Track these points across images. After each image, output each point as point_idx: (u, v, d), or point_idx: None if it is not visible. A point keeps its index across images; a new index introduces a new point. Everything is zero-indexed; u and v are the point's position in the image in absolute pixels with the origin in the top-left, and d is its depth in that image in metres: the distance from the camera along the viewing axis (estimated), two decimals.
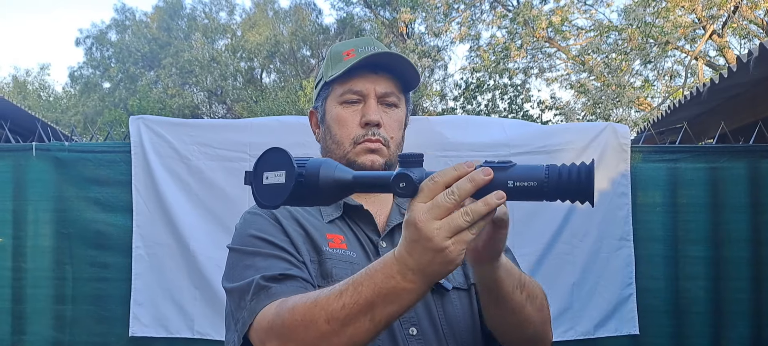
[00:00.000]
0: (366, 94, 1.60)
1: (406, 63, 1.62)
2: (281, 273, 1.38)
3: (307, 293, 1.26)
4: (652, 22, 13.54)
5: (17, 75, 34.19)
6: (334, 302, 1.16)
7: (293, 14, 26.10)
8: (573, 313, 3.88)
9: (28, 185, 4.03)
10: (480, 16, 17.84)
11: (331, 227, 1.54)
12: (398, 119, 1.64)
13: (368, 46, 1.63)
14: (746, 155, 4.00)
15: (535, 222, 3.89)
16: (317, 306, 1.18)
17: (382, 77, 1.61)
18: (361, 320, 1.14)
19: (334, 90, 1.64)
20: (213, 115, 26.56)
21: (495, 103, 18.87)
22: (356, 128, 1.59)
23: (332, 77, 1.62)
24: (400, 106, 1.65)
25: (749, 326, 3.97)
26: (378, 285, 1.11)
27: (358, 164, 1.56)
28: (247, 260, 1.46)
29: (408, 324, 1.44)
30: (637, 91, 15.86)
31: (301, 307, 1.21)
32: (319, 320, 1.17)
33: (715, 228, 3.99)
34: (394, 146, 1.62)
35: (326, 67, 1.68)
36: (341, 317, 1.14)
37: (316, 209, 1.57)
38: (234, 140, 3.92)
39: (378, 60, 1.60)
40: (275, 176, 1.11)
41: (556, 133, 4.02)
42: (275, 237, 1.47)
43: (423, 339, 1.44)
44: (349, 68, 1.58)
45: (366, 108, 1.59)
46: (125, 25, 28.87)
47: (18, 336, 4.00)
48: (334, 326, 1.16)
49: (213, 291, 3.82)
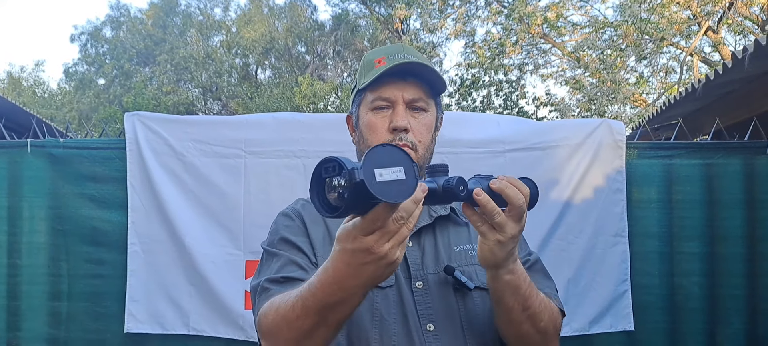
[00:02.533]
0: (394, 100, 1.69)
1: (432, 70, 1.70)
2: (283, 276, 1.53)
3: (277, 298, 1.42)
4: (647, 18, 13.55)
5: (12, 71, 34.05)
6: (290, 312, 1.33)
7: (288, 11, 26.05)
8: (568, 309, 3.86)
9: (23, 181, 4.02)
10: (475, 12, 17.84)
11: None
12: (427, 123, 1.73)
13: (398, 53, 1.71)
14: (741, 152, 4.01)
15: (530, 219, 3.84)
16: (278, 314, 1.37)
17: (410, 84, 1.70)
18: (317, 326, 1.31)
19: (365, 97, 1.74)
20: (208, 112, 26.49)
21: (490, 99, 18.87)
22: (385, 133, 1.68)
23: (364, 85, 1.71)
24: (429, 110, 1.74)
25: (744, 322, 3.98)
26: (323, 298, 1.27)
27: None
28: (268, 261, 1.63)
29: (425, 320, 1.53)
30: (632, 88, 15.87)
31: (271, 312, 1.41)
32: (283, 327, 1.35)
33: (710, 224, 4.00)
34: (422, 149, 1.71)
35: (360, 74, 1.78)
36: (298, 326, 1.32)
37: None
38: (229, 137, 3.92)
39: (406, 68, 1.67)
40: (392, 172, 1.08)
41: (551, 130, 4.02)
42: (296, 237, 1.64)
43: (439, 335, 1.53)
44: (378, 76, 1.67)
45: (394, 114, 1.68)
46: (120, 21, 28.77)
47: (13, 333, 3.99)
48: (294, 332, 1.33)
49: (208, 288, 3.82)
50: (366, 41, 24.27)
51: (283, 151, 3.90)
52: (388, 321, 1.53)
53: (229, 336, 3.84)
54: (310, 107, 20.32)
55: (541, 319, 1.52)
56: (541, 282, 1.68)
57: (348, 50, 24.72)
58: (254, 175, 3.89)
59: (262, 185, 3.88)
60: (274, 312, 1.40)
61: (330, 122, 4.01)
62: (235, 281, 3.84)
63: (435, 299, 1.58)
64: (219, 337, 3.86)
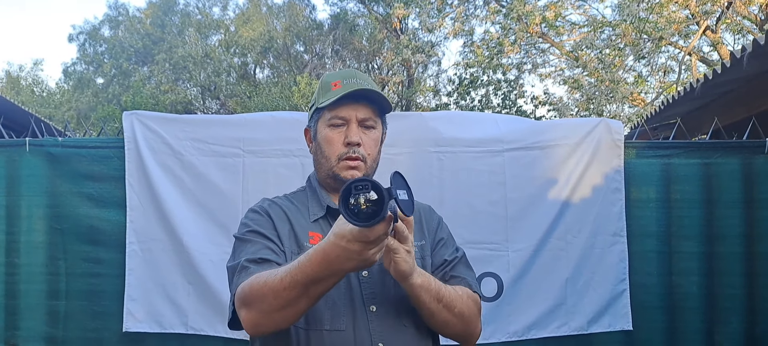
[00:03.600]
0: (349, 119, 1.99)
1: (380, 95, 2.01)
2: (260, 257, 1.84)
3: (265, 273, 1.70)
4: (645, 17, 13.55)
5: (10, 70, 34.07)
6: (278, 284, 1.62)
7: (287, 10, 26.01)
8: (566, 309, 3.89)
9: (22, 180, 4.03)
10: (474, 11, 17.83)
11: (314, 226, 1.99)
12: (375, 138, 2.05)
13: (352, 78, 2.02)
14: (740, 151, 4.01)
15: (529, 218, 3.90)
16: (266, 286, 1.65)
17: (362, 105, 2.00)
18: (300, 297, 1.62)
19: (323, 115, 2.03)
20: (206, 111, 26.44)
21: (488, 98, 18.87)
22: (340, 147, 1.99)
23: (323, 105, 2.00)
24: (377, 127, 2.06)
25: (742, 321, 3.99)
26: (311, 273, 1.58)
27: (341, 177, 1.98)
28: (242, 246, 1.93)
29: (369, 303, 1.87)
30: (630, 87, 15.88)
31: (257, 284, 1.69)
32: (268, 295, 1.65)
33: (708, 224, 4.00)
34: (370, 161, 2.03)
35: (318, 94, 2.08)
36: (285, 295, 1.62)
37: (306, 209, 2.04)
38: (227, 136, 3.92)
39: (359, 92, 1.97)
40: (403, 193, 1.48)
41: (549, 129, 4.02)
42: (266, 230, 1.93)
43: (380, 315, 1.86)
44: (334, 100, 1.96)
45: (348, 130, 1.99)
46: (118, 21, 28.74)
47: (11, 331, 4.00)
48: (279, 300, 1.63)
49: (206, 286, 3.82)
50: (364, 40, 24.26)
51: (281, 151, 3.90)
52: (338, 304, 1.85)
53: (226, 335, 3.84)
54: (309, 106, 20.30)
55: (455, 305, 1.85)
56: (463, 272, 2.03)
57: (346, 49, 24.68)
58: (252, 174, 3.89)
59: (260, 184, 3.88)
60: (262, 284, 1.67)
61: None
62: None
63: (377, 285, 1.88)
64: (217, 336, 3.86)
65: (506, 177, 3.90)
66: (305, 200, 2.09)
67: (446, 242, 2.08)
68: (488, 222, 3.89)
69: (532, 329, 3.88)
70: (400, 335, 1.86)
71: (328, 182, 2.05)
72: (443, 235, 2.09)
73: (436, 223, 2.12)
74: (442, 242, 2.07)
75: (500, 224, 3.88)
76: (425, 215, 2.11)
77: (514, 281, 3.85)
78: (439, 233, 2.09)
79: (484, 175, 3.90)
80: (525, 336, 3.88)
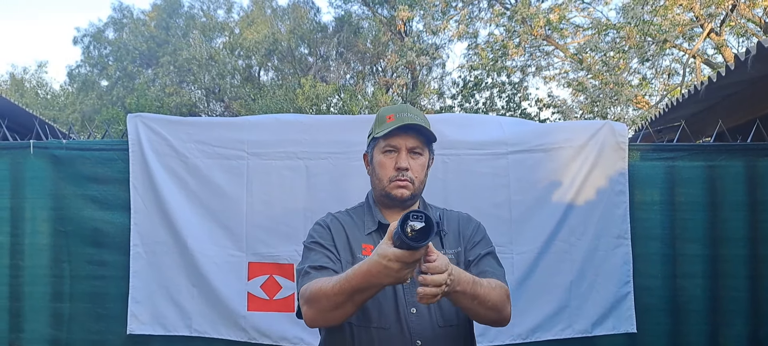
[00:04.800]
0: (399, 147, 2.42)
1: (427, 128, 2.44)
2: (320, 265, 2.29)
3: (323, 279, 2.14)
4: (650, 20, 13.55)
5: (15, 73, 34.13)
6: (330, 290, 2.05)
7: (291, 12, 26.02)
8: (570, 311, 3.89)
9: (26, 182, 4.03)
10: (478, 14, 17.88)
11: (368, 239, 2.43)
12: (422, 164, 2.47)
13: (404, 112, 2.44)
14: (744, 154, 4.01)
15: (533, 220, 3.89)
16: (321, 291, 2.10)
17: (411, 136, 2.42)
18: (346, 302, 2.05)
19: (379, 143, 2.45)
20: (211, 114, 26.50)
21: (493, 101, 18.87)
22: (392, 171, 2.42)
23: (378, 135, 2.43)
24: (424, 154, 2.48)
25: (746, 324, 3.98)
26: (358, 283, 1.99)
27: (392, 195, 2.42)
28: (307, 254, 2.39)
29: (410, 306, 2.29)
30: (634, 90, 15.86)
31: (316, 289, 2.13)
32: (322, 298, 2.10)
33: (712, 226, 4.00)
34: (417, 183, 2.45)
35: (375, 125, 2.51)
36: (334, 299, 2.06)
37: (362, 223, 2.48)
38: (232, 138, 3.92)
39: (409, 125, 2.39)
40: (418, 223, 1.79)
41: (553, 132, 4.02)
42: (325, 241, 2.39)
43: (419, 316, 2.29)
44: (388, 131, 2.39)
45: (398, 157, 2.41)
46: (123, 23, 28.74)
47: (15, 334, 4.00)
48: (330, 303, 2.07)
49: (210, 289, 3.83)
50: (369, 43, 24.26)
51: (285, 153, 3.90)
52: (384, 306, 2.28)
53: (230, 338, 3.84)
54: (313, 109, 20.31)
55: (489, 299, 2.18)
56: (495, 266, 2.43)
57: (351, 52, 24.68)
58: (256, 176, 3.90)
59: (264, 186, 3.88)
60: (318, 289, 2.12)
61: (332, 124, 4.02)
62: (237, 283, 3.85)
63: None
64: (221, 338, 3.87)
65: (510, 179, 3.90)
66: (362, 215, 2.52)
67: (480, 242, 2.48)
68: (492, 224, 3.85)
69: (536, 332, 3.88)
70: (435, 333, 2.28)
71: (381, 199, 2.49)
72: (478, 237, 2.49)
73: (472, 228, 2.52)
74: (477, 242, 2.47)
75: (504, 227, 3.87)
76: (462, 223, 2.54)
77: (518, 283, 3.85)
78: (475, 236, 2.49)
79: (488, 177, 3.90)
80: (529, 339, 3.88)
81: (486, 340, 3.83)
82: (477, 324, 2.41)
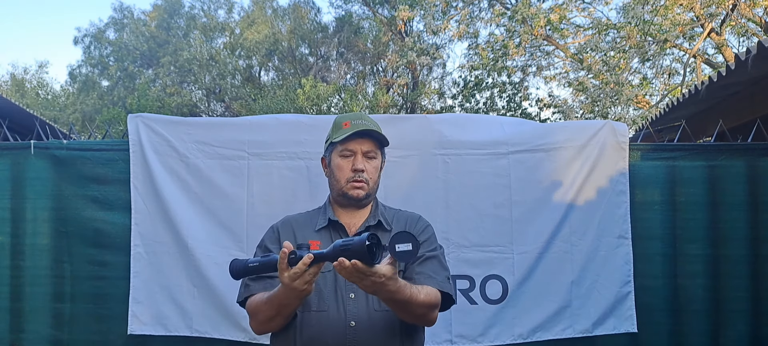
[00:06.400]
0: (355, 151, 2.67)
1: (380, 133, 2.69)
2: (257, 276, 2.50)
3: (259, 294, 2.48)
4: (650, 20, 13.53)
5: (15, 73, 34.14)
6: (263, 305, 2.42)
7: (292, 12, 26.04)
8: (571, 311, 3.89)
9: (27, 183, 4.03)
10: (478, 14, 17.88)
11: (316, 235, 2.65)
12: (375, 166, 2.72)
13: (358, 119, 2.70)
14: (744, 153, 4.01)
15: (535, 220, 3.89)
16: (258, 306, 2.46)
17: (366, 140, 2.67)
18: (276, 315, 2.41)
19: (336, 147, 2.68)
20: (211, 114, 26.53)
21: (493, 101, 18.88)
22: (349, 172, 2.66)
23: (335, 140, 2.66)
24: (377, 157, 2.73)
25: (747, 324, 3.98)
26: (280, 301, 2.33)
27: (349, 195, 2.65)
28: (255, 253, 2.70)
29: (349, 290, 2.51)
30: (635, 89, 15.83)
31: (255, 305, 2.49)
32: (259, 312, 2.46)
33: (713, 226, 4.00)
34: (372, 183, 2.69)
35: (331, 131, 2.75)
36: (266, 314, 2.42)
37: (313, 222, 2.73)
38: (232, 139, 3.92)
39: (363, 131, 2.64)
40: (404, 246, 2.09)
41: (554, 132, 4.02)
42: (271, 243, 2.67)
43: (357, 300, 2.50)
44: (344, 137, 2.63)
45: (355, 160, 2.66)
46: (123, 23, 28.75)
47: (16, 334, 4.00)
48: (265, 316, 2.44)
49: (211, 289, 3.82)
50: (369, 43, 24.28)
51: (286, 153, 3.90)
52: (324, 291, 2.52)
53: (231, 338, 3.84)
54: (314, 109, 20.32)
55: (416, 309, 2.39)
56: (435, 271, 2.58)
57: (351, 52, 24.73)
58: (257, 176, 3.90)
59: (265, 186, 3.88)
60: (257, 304, 2.47)
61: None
62: (238, 283, 3.84)
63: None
64: (222, 339, 3.86)
65: (511, 180, 3.90)
66: (316, 214, 2.77)
67: (425, 242, 2.64)
68: (493, 225, 3.89)
69: (537, 332, 3.88)
70: (371, 316, 2.49)
71: (338, 199, 2.71)
72: (423, 238, 2.65)
73: (418, 229, 2.70)
74: (421, 242, 2.56)
75: (505, 227, 3.87)
76: (410, 223, 2.74)
77: (519, 283, 3.85)
78: (421, 236, 2.63)
79: (489, 177, 3.90)
80: (530, 339, 3.87)
81: (486, 340, 3.83)
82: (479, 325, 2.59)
